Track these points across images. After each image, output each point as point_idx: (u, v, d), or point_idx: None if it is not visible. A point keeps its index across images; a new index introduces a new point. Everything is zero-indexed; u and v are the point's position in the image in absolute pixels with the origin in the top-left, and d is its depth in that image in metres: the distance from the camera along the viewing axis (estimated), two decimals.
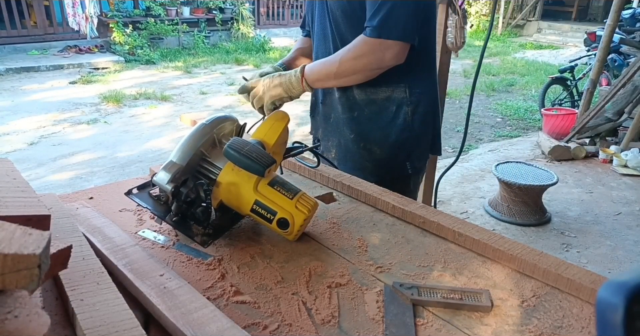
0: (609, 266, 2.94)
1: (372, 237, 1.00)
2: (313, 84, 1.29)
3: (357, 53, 1.25)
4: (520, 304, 0.80)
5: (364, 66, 1.26)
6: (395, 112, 1.40)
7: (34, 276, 0.48)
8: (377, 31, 1.22)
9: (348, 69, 1.26)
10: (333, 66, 1.27)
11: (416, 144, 1.45)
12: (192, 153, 0.93)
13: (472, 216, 3.53)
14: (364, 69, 1.27)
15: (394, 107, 1.40)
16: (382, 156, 1.43)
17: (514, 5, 13.77)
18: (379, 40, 1.22)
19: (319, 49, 1.48)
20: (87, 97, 6.69)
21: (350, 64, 1.26)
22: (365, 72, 1.28)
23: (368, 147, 1.44)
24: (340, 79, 1.29)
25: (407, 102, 1.40)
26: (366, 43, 1.24)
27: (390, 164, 1.44)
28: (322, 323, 0.74)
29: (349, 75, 1.28)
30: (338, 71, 1.26)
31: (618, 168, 4.29)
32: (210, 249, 0.93)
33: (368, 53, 1.24)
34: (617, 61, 6.12)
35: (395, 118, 1.41)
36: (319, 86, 1.32)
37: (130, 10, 9.79)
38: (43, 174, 4.24)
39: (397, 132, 1.41)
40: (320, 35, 1.46)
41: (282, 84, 1.27)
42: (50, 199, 0.97)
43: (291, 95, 1.29)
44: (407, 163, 1.45)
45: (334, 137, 1.52)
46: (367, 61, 1.25)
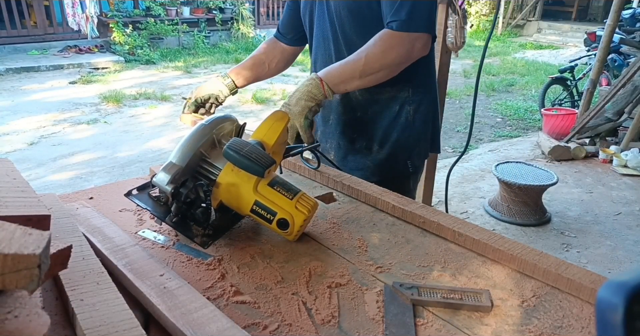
0: (609, 266, 2.93)
1: (372, 237, 1.00)
2: (336, 88, 1.19)
3: (384, 46, 1.20)
4: (520, 304, 0.80)
5: (392, 60, 1.21)
6: (398, 112, 1.40)
7: (34, 276, 0.48)
8: (405, 25, 1.19)
9: (375, 64, 1.20)
10: (357, 64, 1.20)
11: (417, 143, 1.45)
12: (191, 154, 0.93)
13: (472, 216, 3.53)
14: (392, 63, 1.22)
15: (397, 107, 1.40)
16: (384, 156, 1.43)
17: (514, 5, 13.77)
18: (406, 33, 1.20)
19: (318, 51, 1.46)
20: (87, 97, 6.69)
21: (377, 58, 1.20)
22: (392, 67, 1.23)
23: (370, 146, 1.44)
24: (366, 78, 1.22)
25: (409, 102, 1.40)
26: (393, 37, 1.20)
27: (391, 163, 1.44)
28: (322, 323, 0.74)
29: (376, 71, 1.21)
30: (365, 68, 1.20)
31: (618, 168, 4.29)
32: (210, 249, 0.93)
33: (397, 46, 1.20)
34: (617, 61, 6.12)
35: (397, 117, 1.41)
36: (342, 89, 1.22)
37: (130, 10, 9.79)
38: (43, 174, 4.24)
39: (399, 131, 1.41)
40: (319, 37, 1.44)
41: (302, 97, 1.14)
42: (50, 199, 0.97)
43: (318, 102, 1.16)
44: (408, 162, 1.45)
45: (333, 139, 1.51)
46: (397, 54, 1.21)
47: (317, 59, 1.47)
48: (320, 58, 1.46)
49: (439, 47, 2.38)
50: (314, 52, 1.49)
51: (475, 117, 6.18)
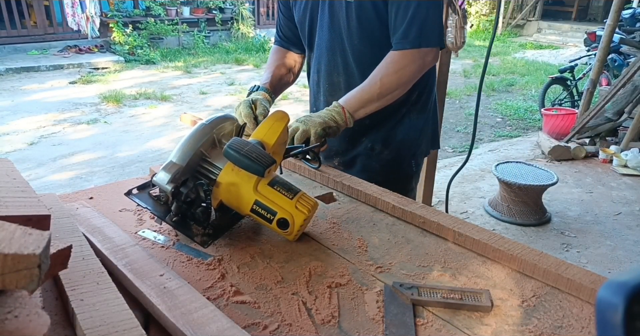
0: (609, 266, 2.94)
1: (372, 237, 1.00)
2: (356, 114, 1.27)
3: (398, 67, 1.26)
4: (520, 304, 0.80)
5: (407, 78, 1.27)
6: (405, 114, 1.43)
7: (34, 276, 0.48)
8: (416, 42, 1.24)
9: (392, 85, 1.26)
10: (373, 88, 1.26)
11: (420, 142, 1.48)
12: (191, 153, 0.93)
13: (472, 216, 3.53)
14: (407, 80, 1.27)
15: (405, 110, 1.43)
16: (389, 156, 1.45)
17: (514, 5, 13.77)
18: (416, 50, 1.25)
19: (321, 61, 1.46)
20: (87, 97, 6.69)
21: (393, 79, 1.26)
22: (408, 83, 1.29)
23: (376, 148, 1.45)
24: (383, 99, 1.28)
25: (413, 102, 1.43)
26: (405, 55, 1.25)
27: (396, 164, 1.46)
28: (322, 323, 0.74)
29: (392, 91, 1.27)
30: (381, 91, 1.26)
31: (618, 168, 4.29)
32: (210, 249, 0.93)
33: (410, 63, 1.26)
34: (617, 61, 6.12)
35: (402, 119, 1.43)
36: (361, 113, 1.29)
37: (130, 10, 9.79)
38: (43, 174, 4.24)
39: (403, 132, 1.44)
40: (323, 48, 1.43)
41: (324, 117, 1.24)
42: (50, 199, 0.97)
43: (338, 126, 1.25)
44: (412, 161, 1.48)
45: (339, 144, 1.50)
46: (410, 72, 1.26)
47: (320, 69, 1.47)
48: (325, 68, 1.46)
49: None
50: (316, 62, 1.48)
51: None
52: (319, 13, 1.40)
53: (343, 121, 1.25)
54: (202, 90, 7.21)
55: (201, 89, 7.24)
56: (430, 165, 2.70)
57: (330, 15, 1.37)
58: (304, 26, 1.46)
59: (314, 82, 1.51)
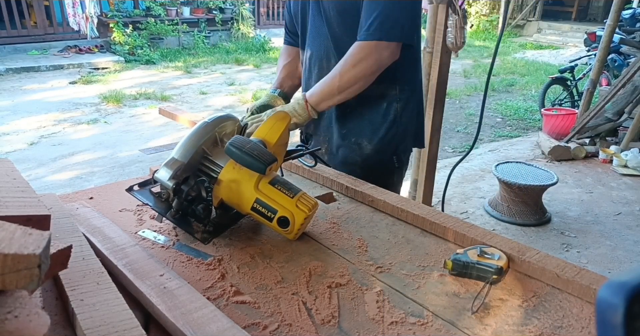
0: (609, 266, 2.93)
1: (372, 237, 1.00)
2: (318, 107, 1.30)
3: (355, 60, 1.27)
4: (520, 304, 0.80)
5: (364, 71, 1.27)
6: (386, 109, 1.44)
7: (34, 276, 0.48)
8: (374, 34, 1.25)
9: (350, 78, 1.28)
10: (334, 81, 1.28)
11: (403, 139, 1.49)
12: (193, 151, 0.93)
13: (472, 216, 3.53)
14: (365, 74, 1.28)
15: (385, 104, 1.44)
16: (371, 151, 1.47)
17: (514, 5, 13.76)
18: (374, 43, 1.25)
19: (313, 48, 1.48)
20: (87, 97, 6.69)
21: (351, 73, 1.27)
22: (366, 77, 1.29)
23: (358, 142, 1.47)
24: (344, 92, 1.30)
25: (397, 99, 1.44)
26: (362, 48, 1.26)
27: (378, 158, 1.47)
28: (322, 323, 0.74)
29: (352, 85, 1.29)
30: (340, 84, 1.28)
31: (618, 168, 4.29)
32: (210, 249, 0.94)
33: (366, 57, 1.26)
34: (617, 61, 6.12)
35: (386, 114, 1.44)
36: (324, 106, 1.32)
37: (130, 10, 9.79)
38: (43, 174, 4.24)
39: (386, 127, 1.45)
40: (314, 34, 1.46)
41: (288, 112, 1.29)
42: (50, 199, 0.97)
43: (297, 122, 1.31)
44: (393, 157, 1.49)
45: (324, 133, 1.55)
46: (367, 65, 1.27)
47: (312, 56, 1.49)
48: (315, 55, 1.48)
49: (438, 47, 2.38)
50: (308, 48, 1.51)
51: (476, 117, 6.22)
52: (308, 7, 1.44)
53: (306, 113, 1.30)
54: (202, 90, 7.21)
55: (201, 89, 7.24)
56: (430, 165, 2.70)
57: (318, 9, 1.40)
58: (297, 17, 1.51)
59: (306, 69, 1.54)
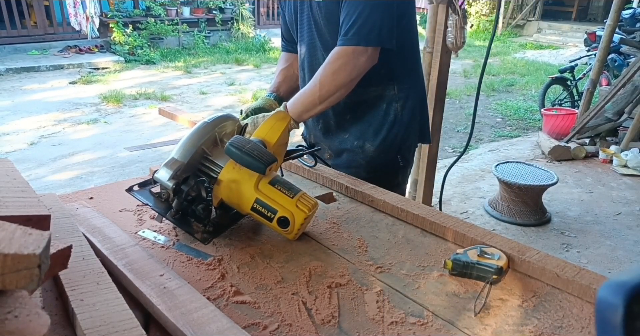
0: (609, 266, 2.93)
1: (372, 237, 1.00)
2: (300, 118, 1.26)
3: (333, 68, 1.25)
4: (520, 304, 0.80)
5: (344, 79, 1.25)
6: (386, 110, 1.43)
7: (34, 276, 0.48)
8: (351, 40, 1.23)
9: (330, 88, 1.25)
10: (314, 91, 1.25)
11: (406, 137, 1.48)
12: (193, 151, 0.93)
13: (472, 216, 3.53)
14: (344, 81, 1.25)
15: (385, 105, 1.43)
16: (374, 153, 1.46)
17: (514, 5, 13.77)
18: (351, 48, 1.23)
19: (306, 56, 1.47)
20: (87, 97, 6.69)
21: (330, 81, 1.24)
22: (347, 84, 1.27)
23: (361, 144, 1.46)
24: (326, 101, 1.27)
25: (396, 99, 1.43)
26: (340, 54, 1.25)
27: (382, 159, 1.47)
28: (322, 323, 0.74)
29: (333, 93, 1.26)
30: (321, 93, 1.25)
31: (618, 168, 4.29)
32: (210, 250, 0.94)
33: (344, 65, 1.24)
34: (617, 61, 6.12)
35: (386, 115, 1.44)
36: (306, 117, 1.28)
37: (130, 10, 9.79)
38: (43, 174, 4.24)
39: (388, 128, 1.44)
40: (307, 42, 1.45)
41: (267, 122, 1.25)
42: (50, 199, 0.97)
43: None
44: (398, 156, 1.48)
45: (326, 140, 1.53)
46: (346, 72, 1.25)
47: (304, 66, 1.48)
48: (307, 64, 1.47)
49: (438, 47, 2.38)
50: (301, 58, 1.50)
51: (475, 117, 6.21)
52: (300, 12, 1.44)
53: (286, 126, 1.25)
54: (202, 90, 7.21)
55: (201, 89, 7.24)
56: (430, 165, 2.70)
57: (308, 14, 1.40)
58: (292, 25, 1.50)
59: (301, 78, 1.54)
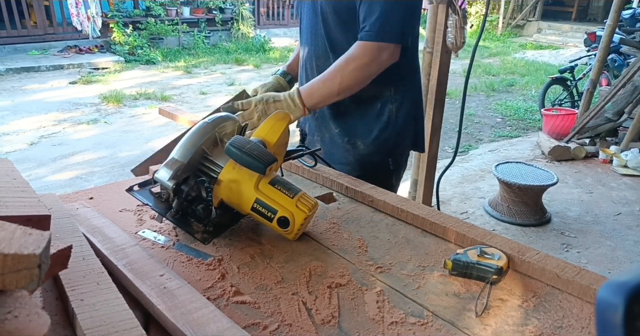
0: (609, 266, 2.93)
1: (372, 237, 1.00)
2: (315, 107, 1.30)
3: (357, 63, 1.26)
4: (520, 304, 0.80)
5: (365, 73, 1.27)
6: (380, 110, 1.43)
7: (34, 276, 0.48)
8: (375, 35, 1.24)
9: (350, 80, 1.27)
10: (334, 83, 1.27)
11: (399, 141, 1.48)
12: (193, 151, 0.93)
13: (472, 216, 3.53)
14: (365, 77, 1.28)
15: (379, 105, 1.43)
16: (365, 152, 1.46)
17: (514, 5, 13.77)
18: (376, 44, 1.25)
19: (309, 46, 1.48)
20: (87, 97, 6.69)
21: (352, 76, 1.27)
22: (366, 78, 1.29)
23: (352, 142, 1.46)
24: (342, 94, 1.30)
25: (392, 100, 1.43)
26: (363, 48, 1.26)
27: (372, 160, 1.46)
28: (322, 323, 0.74)
29: (352, 87, 1.29)
30: (341, 87, 1.27)
31: (618, 168, 4.29)
32: (210, 250, 0.94)
33: (367, 58, 1.26)
34: (617, 61, 6.11)
35: (379, 115, 1.44)
36: (320, 106, 1.32)
37: (130, 10, 9.80)
38: (43, 174, 4.24)
39: (380, 129, 1.44)
40: (310, 32, 1.46)
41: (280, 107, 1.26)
42: (50, 199, 0.97)
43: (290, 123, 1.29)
44: (389, 159, 1.48)
45: (319, 131, 1.54)
46: (368, 68, 1.27)
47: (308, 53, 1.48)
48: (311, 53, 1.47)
49: (438, 47, 2.38)
50: (303, 45, 1.50)
51: (475, 117, 6.23)
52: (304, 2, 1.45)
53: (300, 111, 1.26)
54: (202, 90, 7.21)
55: (201, 89, 7.24)
56: (430, 165, 2.70)
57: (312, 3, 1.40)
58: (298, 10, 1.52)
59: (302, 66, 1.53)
